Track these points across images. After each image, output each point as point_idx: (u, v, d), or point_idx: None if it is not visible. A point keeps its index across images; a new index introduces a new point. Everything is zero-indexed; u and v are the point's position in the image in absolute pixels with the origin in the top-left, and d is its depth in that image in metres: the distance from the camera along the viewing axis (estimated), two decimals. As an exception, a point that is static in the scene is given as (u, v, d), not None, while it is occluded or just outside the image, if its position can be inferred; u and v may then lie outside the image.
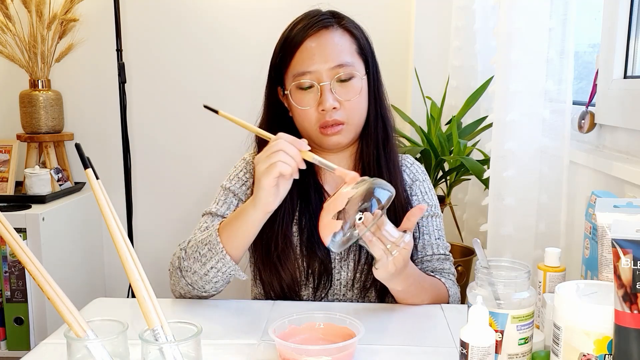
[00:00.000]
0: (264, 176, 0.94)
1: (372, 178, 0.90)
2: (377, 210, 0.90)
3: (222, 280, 1.06)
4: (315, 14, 1.14)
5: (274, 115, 1.19)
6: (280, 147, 0.93)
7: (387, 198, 0.91)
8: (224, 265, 1.03)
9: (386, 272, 0.95)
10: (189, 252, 1.06)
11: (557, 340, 0.70)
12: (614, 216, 0.76)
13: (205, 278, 1.05)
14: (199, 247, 1.05)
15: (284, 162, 0.92)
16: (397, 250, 0.92)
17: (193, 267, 1.05)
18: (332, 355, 0.80)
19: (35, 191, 2.10)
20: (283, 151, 0.92)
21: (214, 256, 1.02)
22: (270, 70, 1.18)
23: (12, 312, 2.00)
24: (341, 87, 1.10)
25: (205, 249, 1.03)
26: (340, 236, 0.89)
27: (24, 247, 0.71)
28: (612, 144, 1.36)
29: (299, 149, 0.94)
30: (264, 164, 0.93)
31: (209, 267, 1.03)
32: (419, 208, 0.97)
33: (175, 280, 1.10)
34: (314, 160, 0.94)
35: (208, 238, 1.04)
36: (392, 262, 0.93)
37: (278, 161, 0.92)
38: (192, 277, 1.06)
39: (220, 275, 1.04)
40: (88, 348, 0.71)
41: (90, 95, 2.40)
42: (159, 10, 2.35)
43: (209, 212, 1.18)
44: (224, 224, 1.05)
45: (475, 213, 1.98)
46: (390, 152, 1.18)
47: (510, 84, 1.36)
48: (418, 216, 0.97)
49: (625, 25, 1.31)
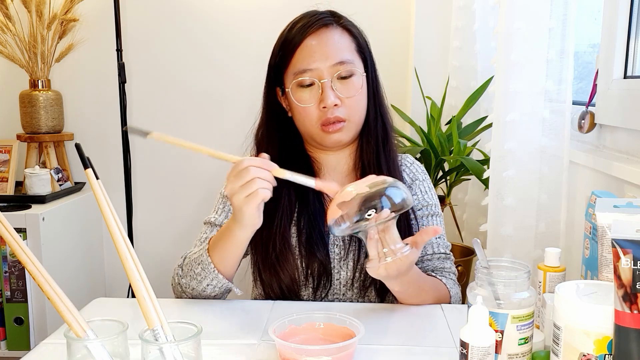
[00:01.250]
0: (247, 205, 0.94)
1: (392, 179, 0.91)
2: (387, 210, 0.88)
3: (221, 293, 1.10)
4: (314, 13, 1.15)
5: (272, 116, 1.19)
6: (253, 175, 0.93)
7: (400, 202, 0.89)
8: (219, 282, 1.07)
9: (375, 274, 0.94)
10: (185, 271, 1.11)
11: (557, 340, 0.70)
12: (614, 216, 0.76)
13: (204, 293, 1.10)
14: (193, 266, 1.09)
15: (263, 187, 0.93)
16: (391, 258, 0.92)
17: (191, 285, 1.09)
18: (332, 355, 0.80)
19: (35, 191, 2.09)
20: (258, 178, 0.93)
21: (208, 275, 1.06)
22: (269, 71, 1.18)
23: (12, 312, 2.00)
24: (342, 84, 1.11)
25: (199, 268, 1.07)
26: (345, 225, 0.89)
27: (24, 247, 0.71)
28: (612, 144, 1.36)
29: (269, 170, 0.94)
30: (242, 194, 0.93)
31: (205, 285, 1.08)
32: (434, 230, 0.96)
33: (177, 294, 1.14)
34: (289, 177, 0.95)
35: (200, 258, 1.07)
36: (384, 267, 0.93)
37: (258, 189, 0.93)
38: (192, 293, 1.11)
39: (217, 290, 1.09)
40: (88, 348, 0.70)
41: (90, 95, 2.40)
42: (159, 10, 2.35)
43: (208, 221, 1.20)
44: (212, 242, 1.07)
45: (475, 213, 1.98)
46: (389, 151, 1.18)
47: (510, 84, 1.36)
48: (431, 236, 0.96)
49: (625, 25, 1.31)
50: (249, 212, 0.95)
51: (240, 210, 0.96)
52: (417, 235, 0.96)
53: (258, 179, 0.93)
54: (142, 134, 0.93)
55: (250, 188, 0.93)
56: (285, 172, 0.95)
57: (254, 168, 0.93)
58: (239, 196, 0.94)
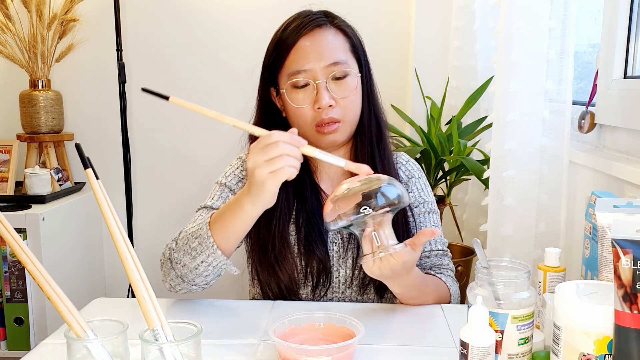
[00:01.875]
0: (270, 181, 0.89)
1: (387, 177, 0.91)
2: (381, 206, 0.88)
3: (213, 274, 1.04)
4: (308, 13, 1.15)
5: (267, 116, 1.18)
6: (282, 151, 0.88)
7: (394, 198, 0.89)
8: (215, 259, 1.00)
9: (369, 271, 0.94)
10: (180, 244, 1.04)
11: (557, 340, 0.70)
12: (614, 216, 0.76)
13: (195, 271, 1.03)
14: (189, 239, 1.02)
15: (290, 165, 0.89)
16: (384, 253, 0.91)
17: (183, 260, 1.03)
18: (332, 355, 0.80)
19: (35, 191, 2.09)
20: (287, 155, 0.88)
21: (205, 250, 1.00)
22: (263, 71, 1.18)
23: (12, 312, 2.00)
24: (336, 84, 1.11)
25: (196, 242, 1.01)
26: (340, 222, 0.89)
27: (24, 247, 0.71)
28: (612, 144, 1.36)
29: (298, 146, 0.91)
30: (267, 168, 0.88)
31: (199, 261, 1.01)
32: (431, 231, 0.95)
33: (165, 270, 1.08)
34: (319, 156, 0.91)
35: (199, 231, 1.01)
36: (377, 265, 0.92)
37: (285, 166, 0.88)
38: (182, 270, 1.04)
39: (210, 270, 1.02)
40: (88, 348, 0.70)
41: (90, 95, 2.40)
42: (159, 10, 2.35)
43: (204, 206, 1.17)
44: (215, 216, 1.01)
45: (475, 213, 1.98)
46: (384, 149, 1.18)
47: (510, 84, 1.36)
48: (429, 237, 0.95)
49: (625, 25, 1.31)
50: (270, 189, 0.90)
51: (261, 185, 0.90)
52: (415, 237, 0.95)
53: (286, 156, 0.88)
54: (162, 97, 0.90)
55: (276, 164, 0.88)
56: (315, 150, 0.92)
57: (283, 143, 0.88)
58: (263, 171, 0.89)
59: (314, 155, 0.92)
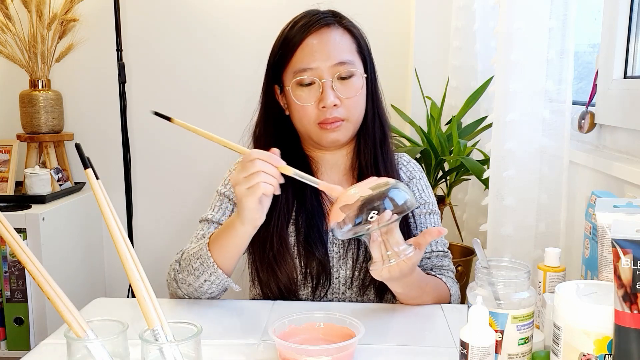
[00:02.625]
0: (247, 197, 0.93)
1: (394, 181, 0.91)
2: (389, 212, 0.88)
3: (217, 290, 1.09)
4: (316, 12, 1.15)
5: (270, 114, 1.19)
6: (258, 168, 0.92)
7: (403, 204, 0.89)
8: (217, 278, 1.05)
9: (378, 276, 0.95)
10: (183, 265, 1.09)
11: (557, 340, 0.70)
12: (614, 216, 0.76)
13: (200, 290, 1.08)
14: (191, 260, 1.07)
15: (266, 182, 0.92)
16: (395, 260, 0.92)
17: (187, 280, 1.08)
18: (332, 355, 0.80)
19: (35, 191, 2.10)
20: (262, 172, 0.92)
21: (206, 270, 1.04)
22: (268, 69, 1.18)
23: (12, 312, 2.00)
24: (342, 84, 1.11)
25: (197, 262, 1.05)
26: (347, 228, 0.89)
27: (24, 247, 0.71)
28: (612, 144, 1.36)
29: (275, 165, 0.93)
30: (244, 185, 0.93)
31: (202, 280, 1.06)
32: (438, 231, 0.95)
33: (172, 290, 1.13)
34: (294, 175, 0.94)
35: (199, 252, 1.05)
36: (387, 269, 0.93)
37: (259, 182, 0.92)
38: (188, 289, 1.09)
39: (214, 287, 1.07)
40: (88, 348, 0.70)
41: (90, 95, 2.40)
42: (159, 10, 2.35)
43: (205, 219, 1.19)
44: (213, 237, 1.06)
45: (475, 213, 1.98)
46: (387, 151, 1.19)
47: (510, 84, 1.36)
48: (435, 237, 0.95)
49: (625, 25, 1.31)
50: (249, 205, 0.94)
51: (240, 202, 0.95)
52: (421, 237, 0.96)
53: (262, 173, 0.92)
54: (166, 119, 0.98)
55: (252, 180, 0.92)
56: (290, 169, 0.94)
57: (260, 161, 0.92)
58: (241, 187, 0.93)
59: (290, 174, 0.94)
